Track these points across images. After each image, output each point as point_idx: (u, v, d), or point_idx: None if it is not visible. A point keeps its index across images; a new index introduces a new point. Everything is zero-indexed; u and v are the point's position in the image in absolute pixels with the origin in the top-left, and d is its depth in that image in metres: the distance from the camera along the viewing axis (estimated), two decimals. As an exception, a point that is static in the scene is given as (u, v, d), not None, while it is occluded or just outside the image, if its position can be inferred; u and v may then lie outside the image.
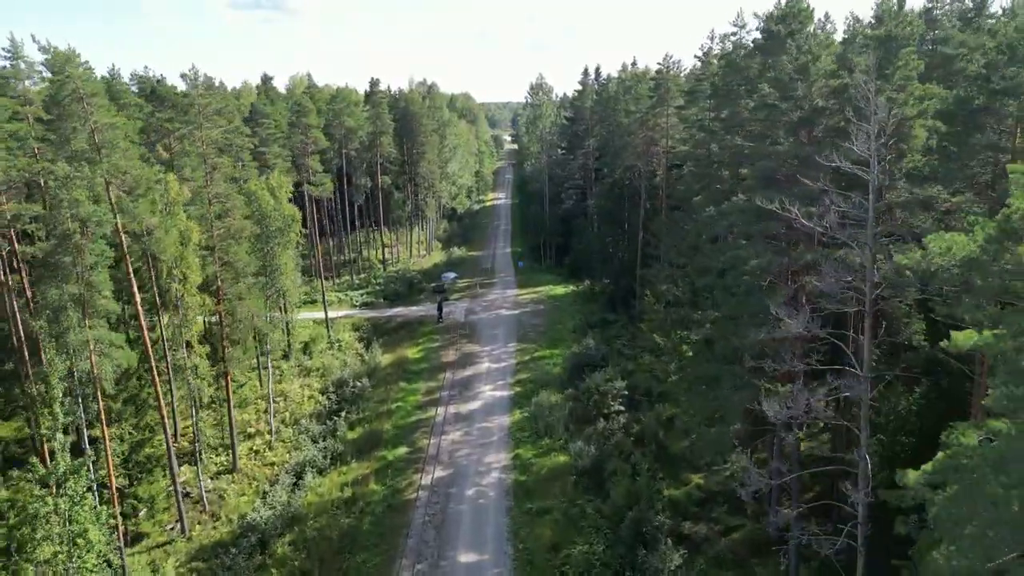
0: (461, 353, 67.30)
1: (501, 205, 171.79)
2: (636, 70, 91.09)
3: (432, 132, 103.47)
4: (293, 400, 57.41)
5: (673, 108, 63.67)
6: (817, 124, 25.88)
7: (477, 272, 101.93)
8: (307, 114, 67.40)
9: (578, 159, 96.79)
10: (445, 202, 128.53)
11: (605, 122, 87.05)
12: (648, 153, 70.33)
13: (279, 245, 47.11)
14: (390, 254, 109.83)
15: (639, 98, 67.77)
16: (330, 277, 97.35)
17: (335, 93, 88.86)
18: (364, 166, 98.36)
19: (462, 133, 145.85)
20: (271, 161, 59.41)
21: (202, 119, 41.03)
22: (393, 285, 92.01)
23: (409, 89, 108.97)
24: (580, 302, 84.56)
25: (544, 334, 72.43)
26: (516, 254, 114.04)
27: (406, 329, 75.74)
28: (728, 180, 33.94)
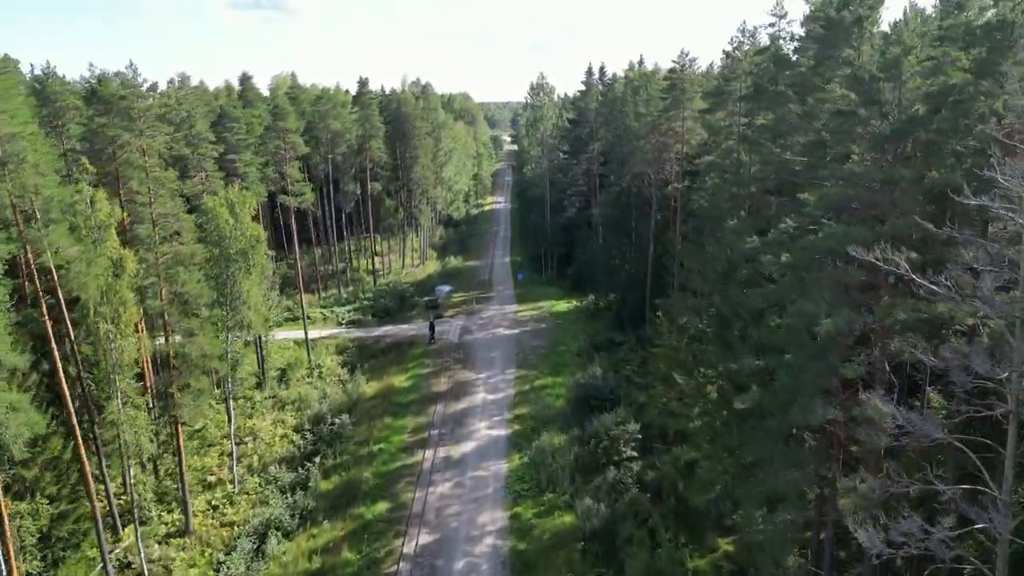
0: (454, 381, 60.87)
1: (500, 209, 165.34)
2: (644, 69, 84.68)
3: (426, 135, 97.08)
4: (263, 440, 50.99)
5: (692, 111, 57.33)
6: (913, 137, 19.56)
7: (474, 284, 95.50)
8: (285, 117, 61.06)
9: (581, 164, 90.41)
10: (441, 208, 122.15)
11: (611, 125, 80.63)
12: (660, 159, 63.93)
13: (241, 270, 40.70)
14: (382, 264, 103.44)
15: (650, 100, 61.38)
16: (316, 290, 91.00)
17: (320, 94, 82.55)
18: (352, 171, 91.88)
19: (459, 135, 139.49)
20: (241, 170, 53.12)
21: (142, 126, 34.64)
22: (383, 300, 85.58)
23: (402, 89, 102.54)
24: (584, 319, 78.15)
25: (545, 358, 66.00)
26: (515, 264, 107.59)
27: (395, 352, 69.30)
28: (772, 200, 27.69)
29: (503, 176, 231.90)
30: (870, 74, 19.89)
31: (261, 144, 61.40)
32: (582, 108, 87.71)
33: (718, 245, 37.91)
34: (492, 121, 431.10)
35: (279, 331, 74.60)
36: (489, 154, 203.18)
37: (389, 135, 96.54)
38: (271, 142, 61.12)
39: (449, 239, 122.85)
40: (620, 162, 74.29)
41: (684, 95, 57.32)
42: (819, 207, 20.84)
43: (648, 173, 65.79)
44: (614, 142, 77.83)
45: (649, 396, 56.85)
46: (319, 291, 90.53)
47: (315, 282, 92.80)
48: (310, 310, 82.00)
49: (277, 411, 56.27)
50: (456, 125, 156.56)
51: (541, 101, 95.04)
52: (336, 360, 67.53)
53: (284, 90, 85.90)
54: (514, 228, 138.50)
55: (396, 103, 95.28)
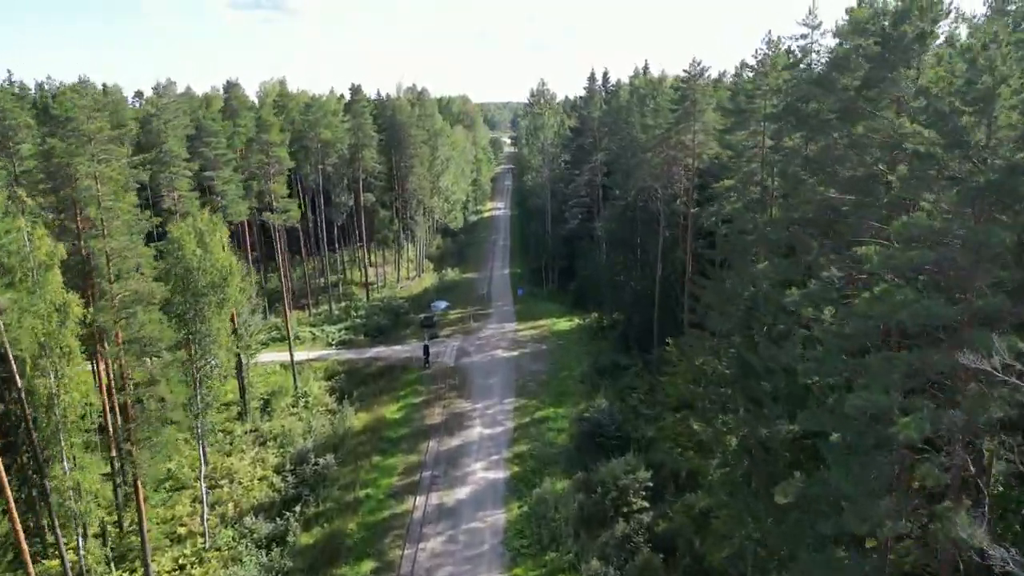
0: (449, 413, 56.90)
1: (500, 216, 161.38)
2: (650, 76, 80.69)
3: (422, 143, 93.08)
4: (241, 483, 46.98)
5: (704, 124, 53.39)
6: (1011, 190, 15.56)
7: (472, 299, 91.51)
8: (268, 130, 57.05)
9: (584, 174, 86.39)
10: (438, 217, 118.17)
11: (615, 135, 76.64)
12: (669, 174, 59.98)
13: (210, 306, 36.71)
14: (376, 276, 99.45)
15: (658, 110, 57.41)
16: (306, 305, 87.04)
17: (310, 101, 78.57)
18: (345, 182, 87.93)
19: (458, 141, 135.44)
20: (219, 187, 49.16)
21: (94, 149, 30.65)
22: (376, 317, 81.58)
23: (396, 96, 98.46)
24: (587, 339, 74.21)
25: (547, 385, 62.05)
26: (515, 276, 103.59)
27: (387, 377, 65.31)
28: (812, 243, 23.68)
29: (503, 180, 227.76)
30: (951, 107, 16.02)
31: (243, 158, 57.44)
32: (585, 116, 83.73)
33: (740, 280, 33.90)
34: (492, 122, 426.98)
35: (265, 353, 70.68)
36: (488, 159, 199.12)
37: (384, 143, 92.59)
38: (254, 156, 57.19)
39: (447, 250, 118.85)
40: (625, 174, 70.29)
41: (696, 107, 53.36)
42: (884, 267, 16.96)
43: (656, 188, 61.85)
44: (619, 153, 73.86)
45: (659, 429, 52.94)
46: (309, 307, 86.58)
47: (306, 296, 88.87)
48: (299, 329, 78.13)
49: (258, 447, 52.29)
50: (454, 130, 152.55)
51: (542, 109, 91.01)
52: (324, 387, 63.52)
53: (272, 97, 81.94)
54: (513, 237, 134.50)
55: (391, 110, 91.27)
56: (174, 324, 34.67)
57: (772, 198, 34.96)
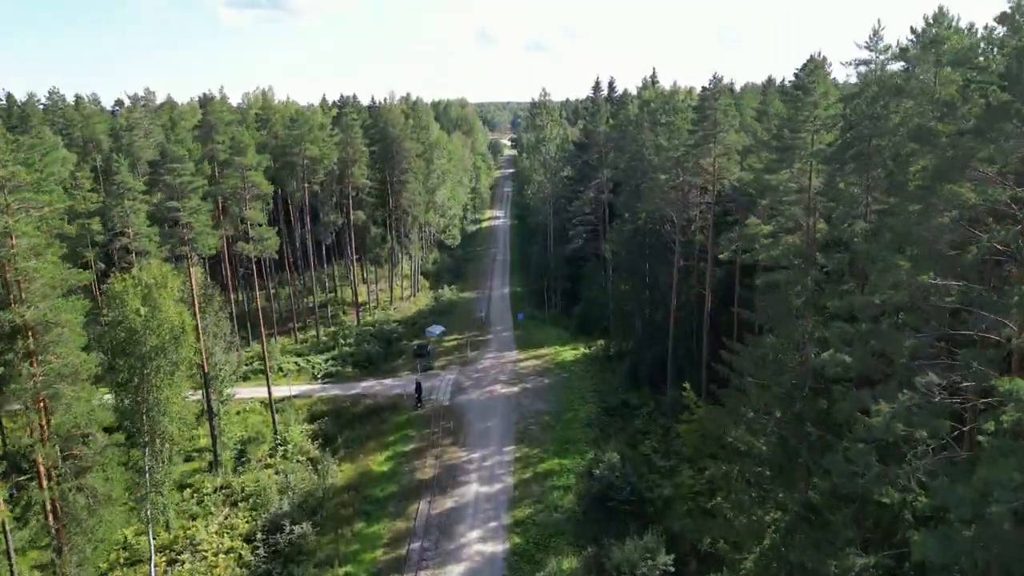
0: (442, 464, 51.47)
1: (499, 227, 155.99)
2: (660, 88, 75.29)
3: (416, 157, 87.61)
4: (205, 556, 41.50)
5: (728, 149, 48.06)
6: None
7: (469, 323, 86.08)
8: (244, 151, 51.53)
9: (589, 191, 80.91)
10: (434, 231, 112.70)
11: (623, 152, 71.18)
12: (685, 199, 54.61)
13: (159, 372, 31.29)
14: (368, 297, 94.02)
15: (673, 130, 51.98)
16: (292, 330, 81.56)
17: (295, 115, 73.07)
18: (333, 199, 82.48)
19: (455, 149, 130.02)
20: (184, 219, 43.75)
21: (8, 199, 25.23)
22: (366, 345, 76.13)
23: (388, 106, 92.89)
24: (594, 372, 68.79)
25: (551, 429, 56.62)
26: (515, 297, 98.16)
27: (375, 419, 59.86)
28: (902, 342, 18.25)
29: (502, 186, 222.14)
30: None
31: (216, 183, 51.95)
32: (590, 131, 78.31)
33: (782, 349, 28.42)
34: (491, 123, 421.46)
35: (245, 387, 65.38)
36: (487, 166, 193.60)
37: (376, 157, 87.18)
38: (228, 180, 51.74)
39: (443, 265, 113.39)
40: (634, 195, 64.86)
41: (716, 127, 47.98)
42: None
43: (670, 213, 56.44)
44: (627, 171, 68.45)
45: (675, 487, 47.69)
46: (295, 331, 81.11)
47: (292, 320, 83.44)
48: (283, 359, 72.74)
49: (229, 508, 46.83)
50: (452, 137, 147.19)
51: (544, 121, 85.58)
52: (306, 431, 58.05)
53: (255, 110, 76.36)
54: (513, 250, 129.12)
55: (383, 122, 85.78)
56: (117, 396, 29.21)
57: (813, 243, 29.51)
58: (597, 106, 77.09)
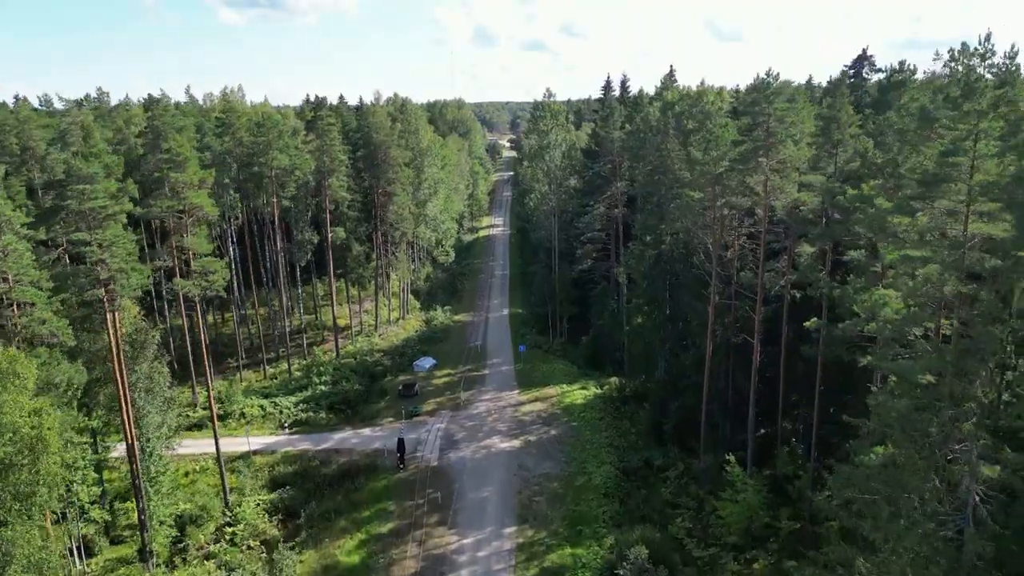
0: (426, 553, 41.54)
1: (498, 237, 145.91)
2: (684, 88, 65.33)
3: (404, 166, 77.64)
4: None
5: (784, 165, 38.20)
6: None
7: (463, 354, 76.11)
8: (183, 167, 41.42)
9: (599, 205, 70.96)
10: (426, 245, 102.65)
11: (642, 161, 61.23)
12: (726, 223, 44.68)
13: (5, 503, 21.31)
14: (353, 319, 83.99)
15: (711, 140, 41.99)
16: (261, 362, 71.50)
17: (261, 119, 62.94)
18: (309, 215, 72.53)
19: (450, 154, 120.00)
20: (95, 256, 33.86)
21: None
22: (345, 383, 66.23)
23: (372, 108, 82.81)
24: (608, 418, 58.92)
25: (560, 501, 46.74)
26: (516, 320, 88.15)
27: (349, 484, 49.87)
28: None
29: (501, 190, 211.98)
30: None
31: (147, 206, 41.94)
32: (602, 137, 68.28)
33: (919, 477, 18.43)
34: (490, 124, 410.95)
35: (199, 438, 55.53)
36: (485, 171, 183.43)
37: (358, 166, 77.29)
38: (158, 203, 41.68)
39: (436, 282, 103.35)
40: (656, 214, 54.94)
41: (771, 138, 38.07)
42: None
43: (704, 239, 46.51)
44: (646, 184, 58.46)
45: (718, 582, 37.92)
46: (265, 365, 71.05)
47: (262, 350, 73.43)
48: (246, 403, 62.69)
49: (153, 622, 36.84)
50: (447, 140, 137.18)
51: (548, 124, 75.62)
52: (263, 503, 48.04)
53: (217, 112, 66.31)
54: (513, 264, 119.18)
55: (367, 127, 75.79)
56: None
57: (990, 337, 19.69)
58: (610, 108, 67.04)
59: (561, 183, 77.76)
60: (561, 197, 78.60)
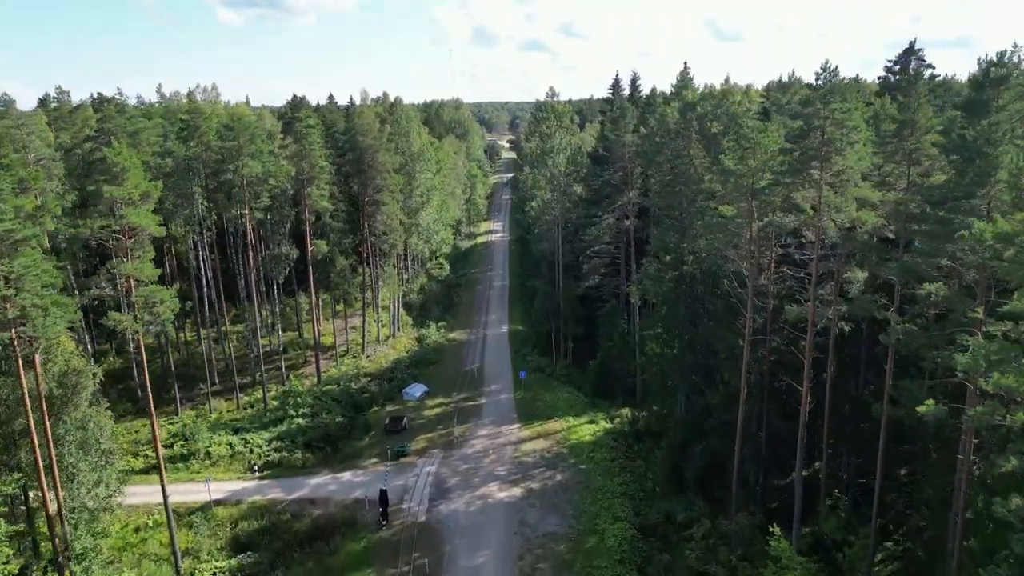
0: (410, 643, 34.64)
1: (497, 243, 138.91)
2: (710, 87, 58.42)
3: (394, 172, 70.79)
4: None
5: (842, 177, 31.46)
6: None
7: (458, 379, 69.24)
8: (121, 179, 34.60)
9: (609, 215, 64.17)
10: (419, 255, 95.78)
11: (658, 168, 54.43)
12: (764, 245, 37.85)
13: None
14: (337, 337, 77.15)
15: (747, 147, 35.14)
16: (233, 390, 64.48)
17: (230, 121, 55.96)
18: (287, 227, 65.70)
19: (445, 157, 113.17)
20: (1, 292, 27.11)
21: None
22: (326, 415, 59.43)
23: (359, 108, 75.89)
24: (620, 459, 52.28)
25: (566, 569, 39.93)
26: (516, 338, 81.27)
27: (322, 545, 42.98)
28: None
29: (500, 193, 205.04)
30: None
31: (74, 226, 35.16)
32: (612, 141, 61.40)
33: None
34: (489, 124, 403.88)
35: (151, 487, 48.59)
36: (483, 174, 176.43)
37: (345, 172, 70.50)
38: (86, 224, 34.86)
39: (430, 295, 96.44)
40: (676, 230, 48.15)
41: (829, 147, 31.27)
42: None
43: (737, 262, 39.66)
44: (663, 195, 51.59)
45: None
46: (237, 394, 64.10)
47: (234, 375, 66.36)
48: (213, 440, 55.80)
49: None
50: (443, 143, 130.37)
51: (551, 127, 68.81)
52: (222, 571, 41.11)
53: (182, 113, 59.39)
54: (513, 273, 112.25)
55: (353, 129, 68.98)
56: None
57: None
58: (621, 109, 60.11)
59: (566, 190, 70.92)
60: (565, 206, 71.74)
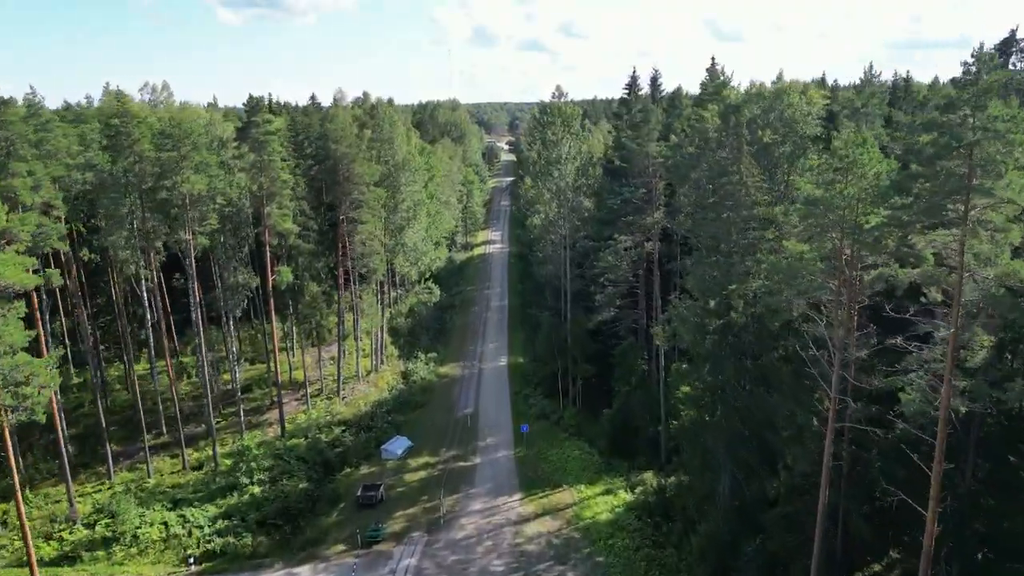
0: None
1: (495, 256, 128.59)
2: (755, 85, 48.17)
3: (374, 185, 60.52)
4: None
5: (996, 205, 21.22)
6: None
7: (448, 429, 59.02)
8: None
9: (626, 238, 53.90)
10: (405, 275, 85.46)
11: (692, 185, 44.16)
12: (854, 290, 27.66)
13: None
14: (309, 370, 66.65)
15: (841, 167, 25.00)
16: (178, 442, 54.01)
17: (166, 127, 45.64)
18: (245, 251, 55.46)
19: (438, 163, 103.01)
20: None
21: None
22: (286, 481, 49.13)
23: (333, 111, 65.48)
24: (648, 546, 42.34)
25: None
26: (516, 373, 71.00)
27: None
28: None
29: (499, 199, 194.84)
30: None
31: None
32: (631, 150, 51.07)
33: None
34: (488, 125, 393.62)
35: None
36: (481, 180, 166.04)
37: (320, 184, 60.35)
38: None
39: (419, 319, 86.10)
40: (722, 267, 37.84)
41: (984, 171, 21.11)
42: None
43: (816, 320, 29.37)
44: (702, 220, 41.26)
45: None
46: (183, 452, 53.63)
47: (178, 427, 55.94)
48: (146, 517, 45.34)
49: None
50: (437, 147, 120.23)
51: (557, 132, 58.56)
52: None
53: (112, 113, 48.99)
54: (512, 292, 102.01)
55: (323, 136, 58.70)
56: None
57: None
58: (644, 113, 49.68)
59: (575, 207, 60.65)
60: (574, 223, 61.45)
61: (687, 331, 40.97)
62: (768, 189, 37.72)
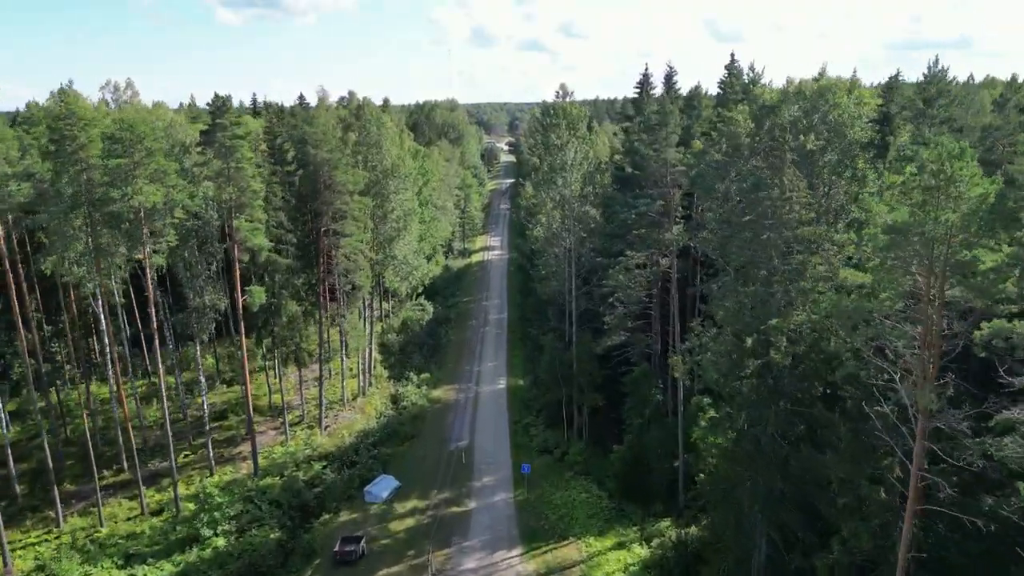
0: None
1: (493, 264, 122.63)
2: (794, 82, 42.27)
3: (359, 194, 54.69)
4: None
5: None
6: None
7: (440, 465, 53.18)
8: None
9: (639, 253, 48.01)
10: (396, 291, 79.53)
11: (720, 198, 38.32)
12: (936, 343, 21.86)
13: None
14: (285, 400, 60.83)
15: (931, 187, 19.27)
16: (136, 483, 48.02)
17: (118, 130, 40.03)
18: (213, 268, 49.66)
19: (434, 168, 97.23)
20: None
21: None
22: (257, 530, 43.26)
23: (313, 113, 59.63)
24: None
25: None
26: (516, 397, 65.12)
27: None
28: None
29: (498, 202, 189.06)
30: None
31: None
32: (645, 157, 45.15)
33: None
34: (487, 126, 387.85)
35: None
36: (479, 183, 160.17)
37: (295, 192, 54.55)
38: None
39: (411, 335, 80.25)
40: (761, 298, 32.00)
41: None
42: None
43: (890, 373, 23.60)
44: (733, 240, 35.43)
45: None
46: (141, 492, 47.66)
47: (139, 463, 50.07)
48: None
49: None
50: (433, 149, 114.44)
51: (562, 136, 52.75)
52: None
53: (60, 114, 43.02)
54: (512, 303, 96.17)
55: (304, 139, 52.84)
56: None
57: None
58: (661, 115, 43.81)
59: (580, 218, 54.82)
60: (579, 235, 55.61)
61: (716, 369, 35.16)
62: (813, 205, 31.96)
